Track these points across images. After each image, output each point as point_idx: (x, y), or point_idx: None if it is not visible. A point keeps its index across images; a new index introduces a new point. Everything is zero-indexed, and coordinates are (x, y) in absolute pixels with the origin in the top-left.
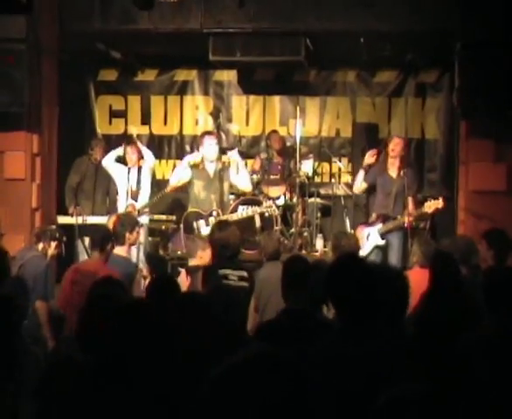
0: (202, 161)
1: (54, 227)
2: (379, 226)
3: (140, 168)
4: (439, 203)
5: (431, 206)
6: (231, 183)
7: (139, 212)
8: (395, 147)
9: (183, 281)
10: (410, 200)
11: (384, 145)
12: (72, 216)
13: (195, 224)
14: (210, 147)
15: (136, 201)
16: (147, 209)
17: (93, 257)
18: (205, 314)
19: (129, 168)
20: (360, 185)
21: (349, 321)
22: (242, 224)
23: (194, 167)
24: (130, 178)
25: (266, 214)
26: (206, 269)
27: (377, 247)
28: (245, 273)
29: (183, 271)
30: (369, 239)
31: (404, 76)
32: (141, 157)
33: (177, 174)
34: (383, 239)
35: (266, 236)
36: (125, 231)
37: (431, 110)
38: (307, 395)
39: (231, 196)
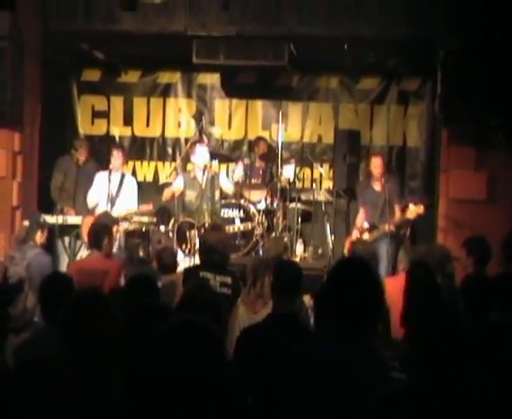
0: (193, 170)
1: (37, 215)
2: (366, 235)
3: (123, 175)
4: (420, 209)
5: (412, 212)
6: (222, 189)
7: (117, 220)
8: (376, 168)
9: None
10: (397, 208)
11: (366, 156)
12: (64, 215)
13: (187, 234)
14: (201, 155)
15: (113, 205)
16: (126, 218)
17: (92, 255)
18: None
19: (110, 171)
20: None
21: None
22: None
23: (187, 175)
24: (111, 181)
25: (259, 231)
26: (187, 270)
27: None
28: (228, 279)
29: None
30: None
31: (387, 83)
32: (125, 163)
33: (169, 188)
34: None
35: (272, 240)
36: (104, 236)
37: (413, 117)
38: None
39: (229, 211)
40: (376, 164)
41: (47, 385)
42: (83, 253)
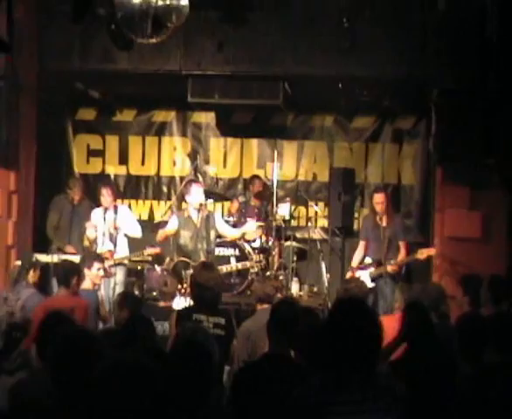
0: (187, 209)
1: (29, 253)
2: (371, 270)
3: (116, 208)
4: (432, 251)
5: (423, 253)
6: (218, 231)
7: (115, 262)
8: (378, 205)
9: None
10: (402, 245)
11: (360, 194)
12: (64, 253)
13: (183, 273)
14: (196, 195)
15: (115, 245)
16: (126, 262)
17: (60, 292)
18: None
19: (105, 209)
20: (359, 256)
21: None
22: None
23: (181, 215)
24: (107, 219)
25: (255, 269)
26: (180, 312)
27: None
28: (222, 320)
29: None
30: None
31: (381, 122)
32: (115, 198)
33: (164, 229)
34: (372, 282)
35: (260, 280)
36: (83, 268)
37: (407, 156)
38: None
39: (224, 250)
40: (378, 200)
41: None
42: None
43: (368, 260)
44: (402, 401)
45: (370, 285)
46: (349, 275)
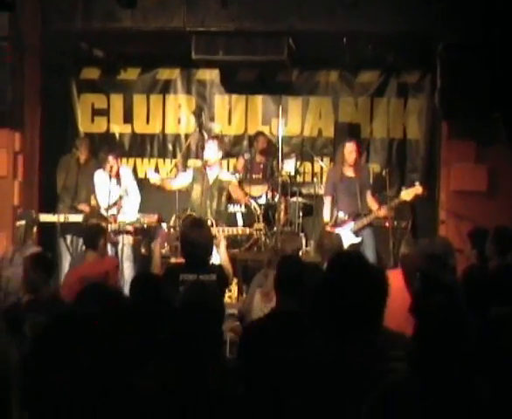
0: (204, 166)
1: (29, 212)
2: (351, 225)
3: (118, 176)
4: (418, 189)
5: (409, 193)
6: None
7: (119, 226)
8: (350, 153)
9: None
10: (368, 195)
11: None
12: (83, 212)
13: None
14: (214, 152)
15: (119, 209)
16: (130, 228)
17: (88, 257)
18: None
19: (110, 175)
20: (329, 212)
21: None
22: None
23: (196, 170)
24: (112, 182)
25: (255, 236)
26: (168, 269)
27: (351, 246)
28: (213, 277)
29: None
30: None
31: (386, 76)
32: (119, 164)
33: (179, 179)
34: (357, 237)
35: (288, 236)
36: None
37: (413, 111)
38: None
39: (230, 207)
40: (351, 149)
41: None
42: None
43: (341, 215)
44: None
45: (355, 240)
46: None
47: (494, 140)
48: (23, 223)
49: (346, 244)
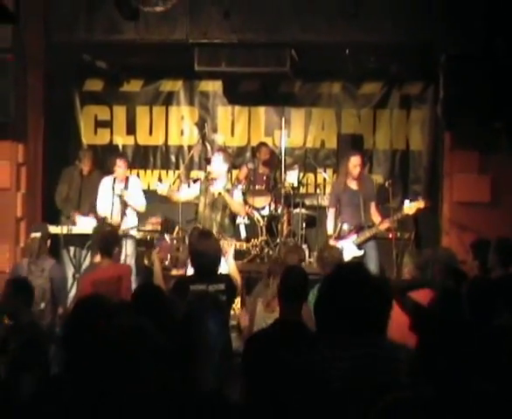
0: (211, 179)
1: (44, 225)
2: (353, 238)
3: (127, 179)
4: (421, 203)
5: (412, 207)
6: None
7: (123, 233)
8: (355, 167)
9: None
10: (372, 206)
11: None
12: (72, 219)
13: None
14: (219, 164)
15: (123, 216)
16: (134, 233)
17: (102, 264)
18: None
19: (115, 179)
20: (332, 224)
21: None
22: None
23: (205, 182)
24: (115, 189)
25: (254, 251)
26: (178, 281)
27: (354, 258)
28: (222, 286)
29: None
30: (344, 252)
31: (389, 88)
32: (128, 170)
33: (186, 191)
34: (360, 249)
35: (292, 247)
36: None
37: (415, 121)
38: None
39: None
40: (356, 163)
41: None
42: (87, 263)
43: (345, 227)
44: (408, 370)
45: (358, 252)
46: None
47: (496, 150)
48: (38, 235)
49: (348, 257)
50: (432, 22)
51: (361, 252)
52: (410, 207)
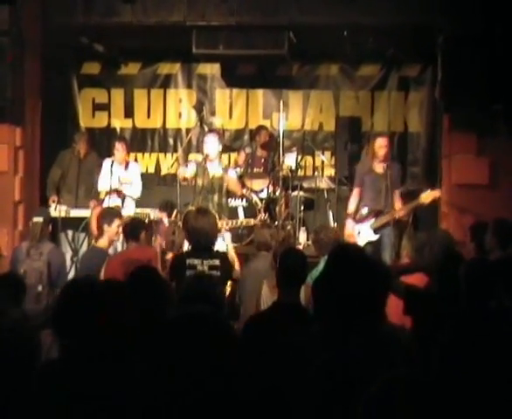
0: (205, 160)
1: (45, 209)
2: (371, 221)
3: (127, 164)
4: (436, 193)
5: (428, 196)
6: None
7: (120, 212)
8: (381, 148)
9: None
10: (396, 193)
11: (367, 142)
12: (51, 205)
13: None
14: (214, 145)
15: (123, 198)
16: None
17: (130, 246)
18: None
19: (113, 162)
20: (355, 203)
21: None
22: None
23: (198, 164)
24: (114, 173)
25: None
26: (175, 257)
27: (369, 243)
28: (216, 261)
29: None
30: (360, 235)
31: (387, 70)
32: (127, 154)
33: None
34: (376, 234)
35: (259, 228)
36: (103, 224)
37: (413, 103)
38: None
39: (231, 201)
40: (382, 144)
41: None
42: (85, 247)
43: (364, 211)
44: (407, 352)
45: (373, 237)
46: (347, 222)
47: (495, 132)
48: (40, 219)
49: (364, 241)
50: (430, 3)
51: (376, 237)
52: (426, 196)
